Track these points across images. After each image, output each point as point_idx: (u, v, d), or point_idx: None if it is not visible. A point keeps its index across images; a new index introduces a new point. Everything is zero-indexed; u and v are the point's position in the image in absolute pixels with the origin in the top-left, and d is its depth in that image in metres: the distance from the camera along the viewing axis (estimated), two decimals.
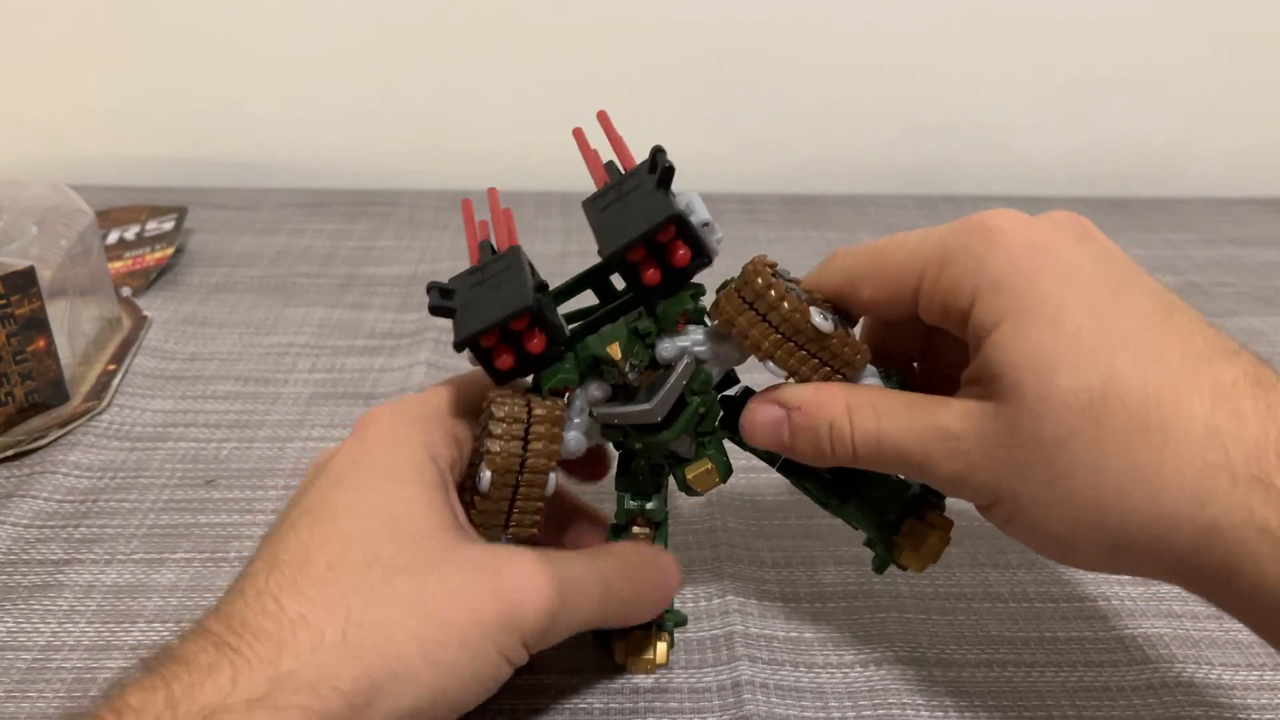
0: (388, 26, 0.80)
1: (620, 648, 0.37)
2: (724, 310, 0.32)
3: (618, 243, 0.30)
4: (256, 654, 0.26)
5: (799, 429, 0.32)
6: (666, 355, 0.32)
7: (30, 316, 0.50)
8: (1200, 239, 0.77)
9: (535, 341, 0.31)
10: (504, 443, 0.31)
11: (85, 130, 0.83)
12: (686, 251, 0.31)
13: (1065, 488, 0.28)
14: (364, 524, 0.30)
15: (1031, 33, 0.81)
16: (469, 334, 0.30)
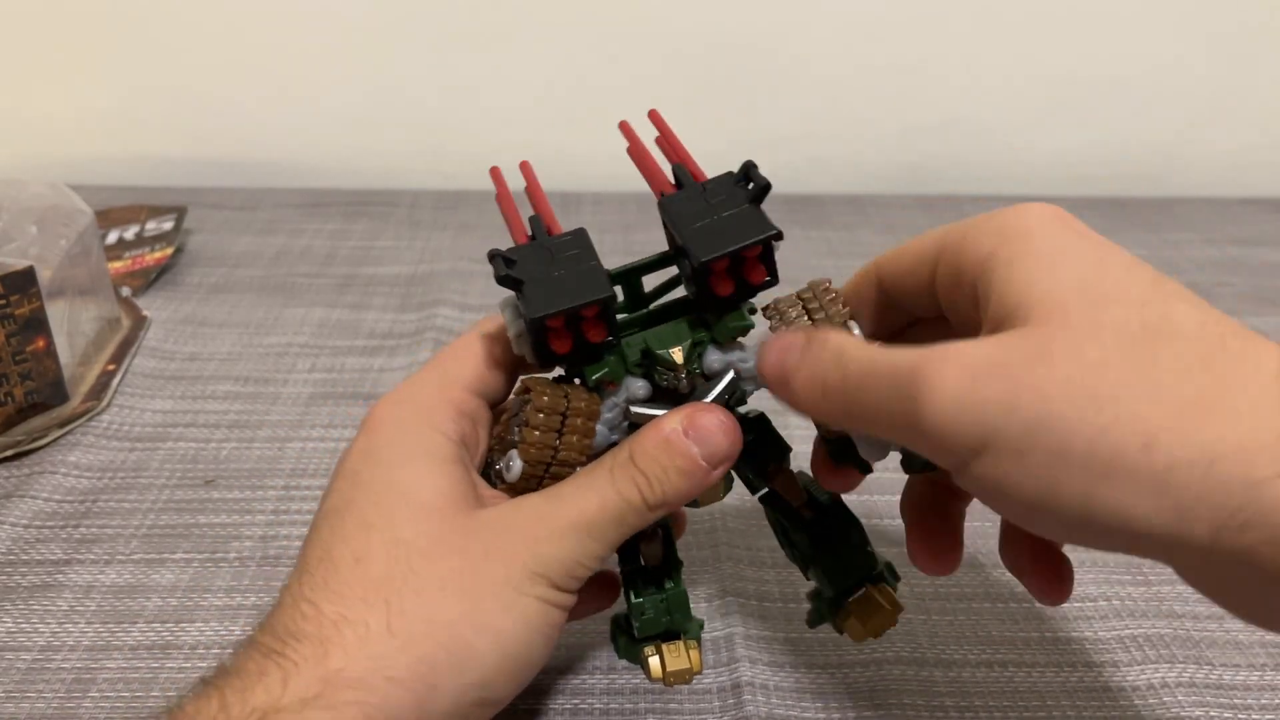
0: (388, 26, 0.80)
1: (654, 665, 0.35)
2: (779, 306, 0.33)
3: (715, 249, 0.30)
4: (303, 656, 0.27)
5: (809, 352, 0.29)
6: (715, 366, 0.32)
7: (30, 316, 0.50)
8: (1200, 239, 0.77)
9: (596, 331, 0.31)
10: (540, 433, 0.31)
11: (85, 130, 0.83)
12: (763, 271, 0.31)
13: (1108, 412, 0.23)
14: (382, 512, 0.30)
15: (1031, 32, 0.81)
16: (543, 313, 0.30)
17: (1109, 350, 0.23)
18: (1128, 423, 0.22)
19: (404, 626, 0.27)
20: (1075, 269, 0.25)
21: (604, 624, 0.39)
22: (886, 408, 0.26)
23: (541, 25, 0.80)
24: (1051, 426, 0.23)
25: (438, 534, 0.29)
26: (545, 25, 0.80)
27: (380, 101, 0.83)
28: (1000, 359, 0.24)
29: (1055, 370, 0.23)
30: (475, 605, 0.28)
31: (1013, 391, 0.23)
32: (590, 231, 0.33)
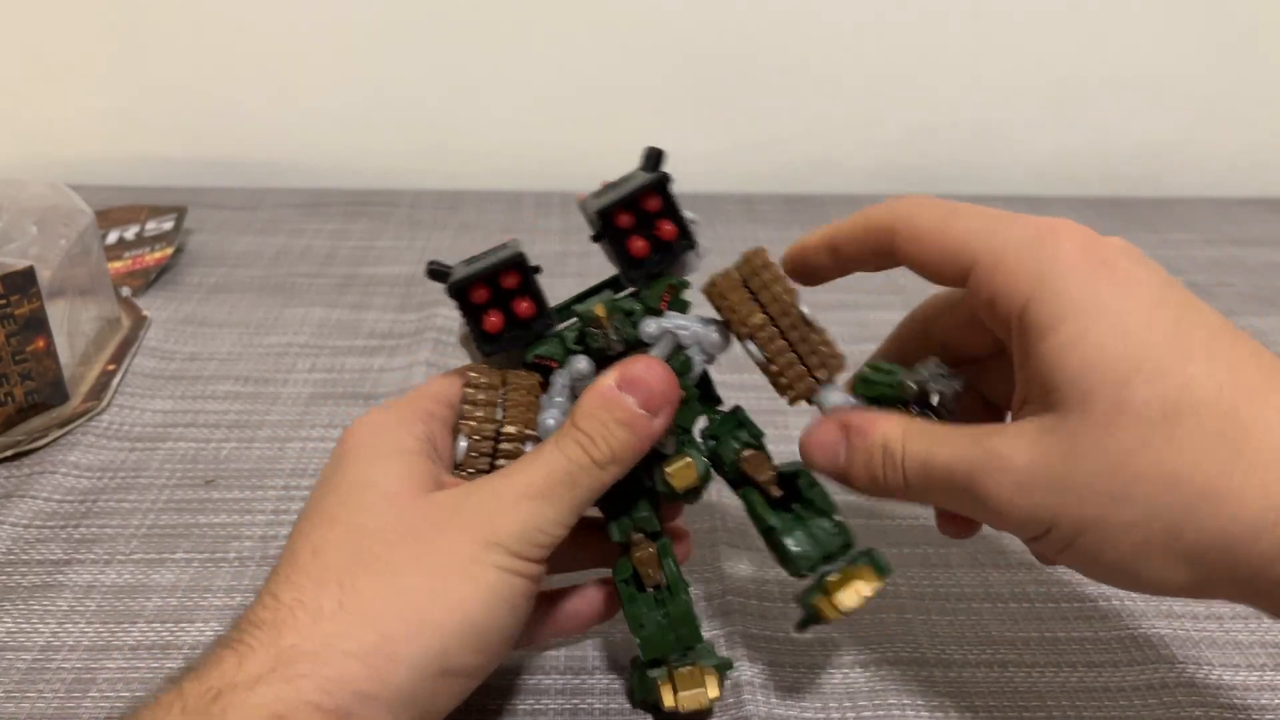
0: (388, 26, 0.80)
1: (667, 691, 0.34)
2: (718, 285, 0.33)
3: (604, 201, 0.32)
4: (259, 640, 0.27)
5: (855, 450, 0.32)
6: (650, 332, 0.33)
7: (30, 316, 0.50)
8: (1200, 239, 0.77)
9: (524, 305, 0.32)
10: (481, 410, 0.32)
11: (85, 130, 0.83)
12: (673, 227, 0.33)
13: (1135, 504, 0.26)
14: (343, 504, 0.30)
15: (1032, 33, 0.81)
16: (460, 278, 0.32)
17: (1130, 439, 0.26)
18: (1154, 518, 0.26)
19: (357, 603, 0.28)
20: (1103, 339, 0.27)
21: (605, 627, 0.40)
22: (950, 502, 0.31)
23: (542, 25, 0.80)
24: (1094, 526, 0.27)
25: (395, 519, 0.30)
26: (545, 25, 0.80)
27: (380, 101, 0.83)
28: (1041, 467, 0.27)
29: (1085, 468, 0.27)
30: (430, 578, 0.29)
31: (1056, 498, 0.27)
32: (587, 232, 0.34)
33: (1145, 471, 0.26)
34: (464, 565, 0.29)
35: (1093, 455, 0.27)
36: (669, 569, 0.34)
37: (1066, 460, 0.27)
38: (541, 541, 0.30)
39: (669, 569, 0.34)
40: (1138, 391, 0.26)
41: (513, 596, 0.30)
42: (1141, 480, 0.26)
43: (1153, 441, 0.26)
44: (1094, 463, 0.27)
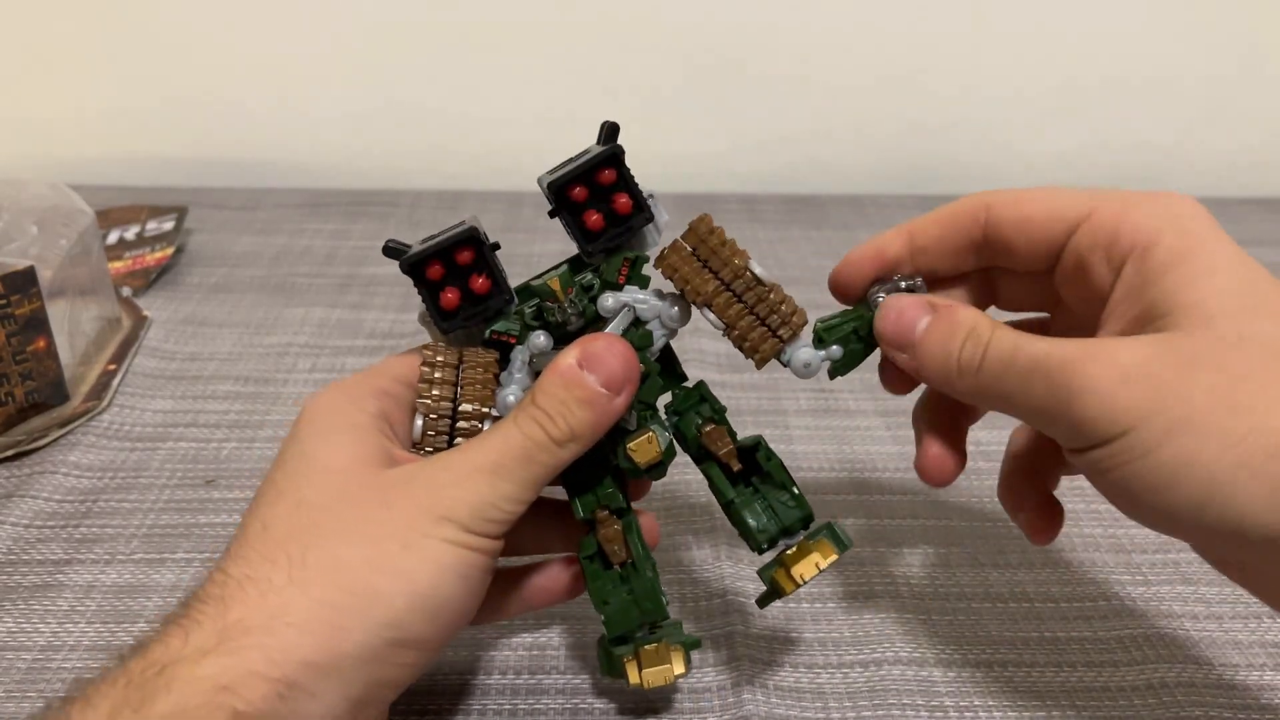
0: (388, 26, 0.80)
1: (632, 668, 0.34)
2: (668, 259, 0.33)
3: (559, 175, 0.32)
4: (205, 614, 0.27)
5: (940, 322, 0.31)
6: (609, 306, 0.33)
7: (30, 316, 0.50)
8: None
9: (480, 281, 0.32)
10: (437, 389, 0.32)
11: (85, 130, 0.83)
12: (628, 201, 0.32)
13: (1242, 417, 0.26)
14: (288, 480, 0.30)
15: (1031, 33, 0.81)
16: (414, 255, 0.32)
17: (1251, 363, 0.26)
18: (1260, 433, 0.25)
19: (303, 575, 0.28)
20: (1230, 278, 0.28)
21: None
22: (1032, 394, 0.28)
23: (542, 26, 0.80)
24: (1191, 430, 0.26)
25: (341, 490, 0.30)
26: (546, 26, 0.80)
27: (380, 101, 0.83)
28: (1153, 363, 0.27)
29: (1201, 378, 0.26)
30: (377, 549, 0.29)
31: (1159, 394, 0.26)
32: None
33: (1260, 392, 0.26)
34: (412, 538, 0.29)
35: (1209, 368, 0.26)
36: (634, 545, 0.34)
37: (1182, 366, 0.26)
38: (495, 517, 0.30)
39: (634, 545, 0.34)
40: (1262, 324, 0.27)
41: (464, 570, 0.29)
42: (1255, 399, 0.26)
43: (1271, 367, 0.26)
44: (1208, 376, 0.26)
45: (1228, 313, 0.27)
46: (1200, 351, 0.27)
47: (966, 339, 0.30)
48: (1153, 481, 0.27)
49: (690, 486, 0.47)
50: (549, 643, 0.39)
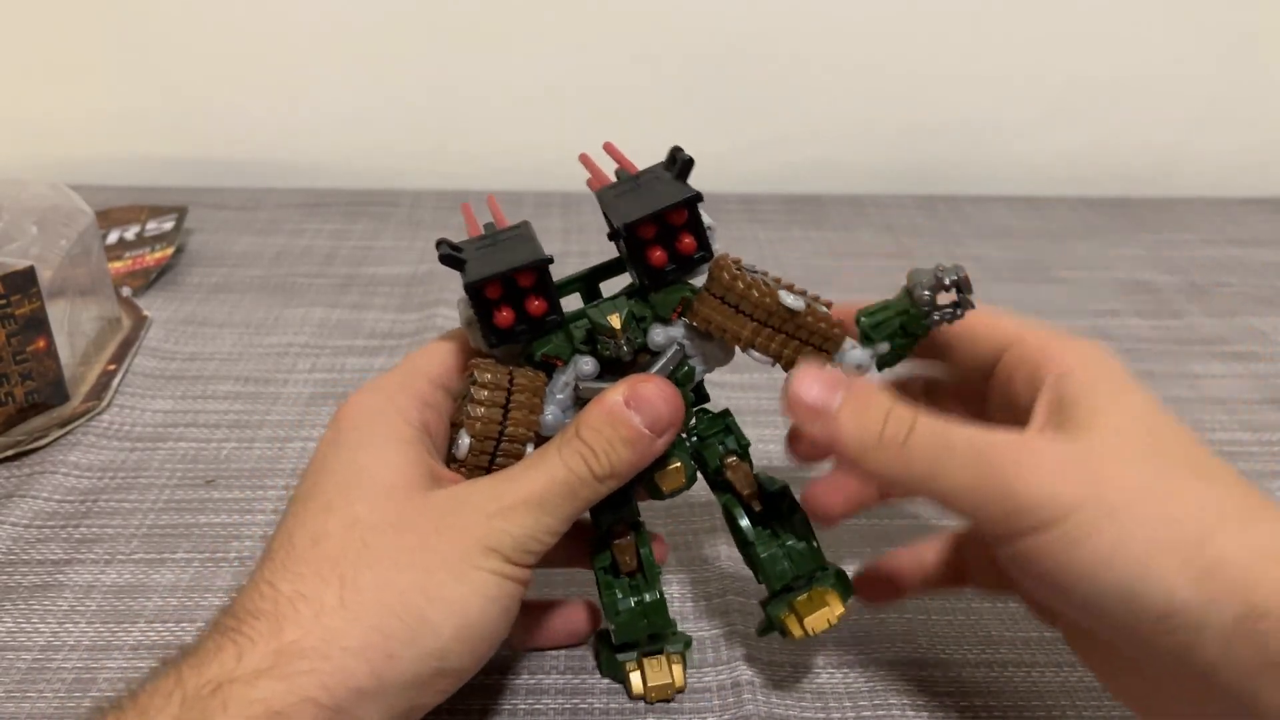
0: (387, 26, 0.80)
1: (635, 680, 0.36)
2: (700, 311, 0.33)
3: (633, 214, 0.32)
4: (258, 632, 0.27)
5: (856, 398, 0.31)
6: (658, 341, 0.33)
7: (30, 316, 0.50)
8: (1200, 239, 0.77)
9: (537, 304, 0.32)
10: (485, 409, 0.32)
11: (85, 130, 0.83)
12: (693, 241, 0.32)
13: (1174, 502, 0.27)
14: (340, 493, 0.30)
15: (1031, 33, 0.81)
16: (479, 277, 0.31)
17: (1172, 464, 0.29)
18: (1189, 522, 0.27)
19: (357, 599, 0.28)
20: (1137, 401, 0.30)
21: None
22: (962, 476, 0.29)
23: (542, 26, 0.80)
24: (1126, 516, 0.27)
25: (393, 512, 0.30)
26: (545, 26, 0.80)
27: (380, 101, 0.83)
28: (1086, 454, 0.28)
29: (1129, 470, 0.28)
30: (428, 577, 0.29)
31: (1095, 481, 0.28)
32: (589, 231, 0.34)
33: (1189, 486, 0.28)
34: (462, 568, 0.29)
35: (1136, 461, 0.28)
36: (645, 557, 0.35)
37: (1111, 459, 0.28)
38: (535, 549, 0.31)
39: (645, 557, 0.35)
40: (1172, 444, 0.29)
41: (505, 600, 0.30)
42: (1185, 491, 0.28)
43: (1192, 471, 0.28)
44: (1136, 466, 0.28)
45: (1138, 430, 0.29)
46: (1125, 448, 0.29)
47: (888, 417, 0.30)
48: (1086, 567, 0.27)
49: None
50: None
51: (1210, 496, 0.28)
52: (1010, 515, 0.28)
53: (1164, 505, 0.27)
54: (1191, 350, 0.61)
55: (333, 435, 0.32)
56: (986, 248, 0.75)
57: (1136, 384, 0.31)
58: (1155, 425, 0.30)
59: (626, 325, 0.32)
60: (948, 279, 0.33)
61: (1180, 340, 0.62)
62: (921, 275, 0.33)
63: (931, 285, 0.33)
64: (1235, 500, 0.28)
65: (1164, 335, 0.63)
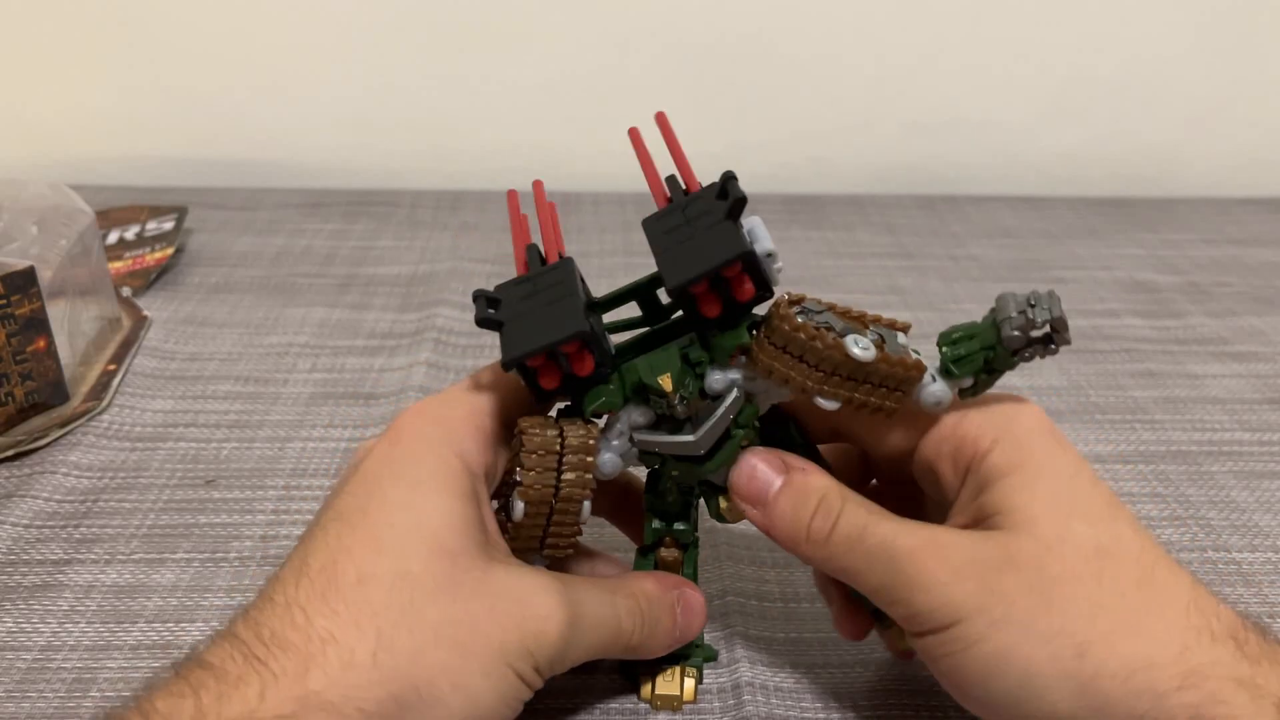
0: (387, 26, 0.80)
1: (645, 683, 0.36)
2: (760, 361, 0.31)
3: (684, 275, 0.29)
4: (284, 668, 0.27)
5: (789, 490, 0.32)
6: (716, 387, 0.32)
7: (30, 316, 0.50)
8: (1200, 239, 0.77)
9: (583, 364, 0.30)
10: (537, 474, 0.31)
11: (85, 130, 0.83)
12: (751, 286, 0.30)
13: (1056, 616, 0.28)
14: (393, 535, 0.29)
15: (1031, 32, 0.81)
16: (517, 355, 0.30)
17: (1064, 564, 0.29)
18: (1069, 634, 0.28)
19: (389, 661, 0.27)
20: (1053, 484, 0.30)
21: None
22: (873, 575, 0.31)
23: (542, 25, 0.80)
24: (1010, 627, 0.28)
25: (447, 577, 0.29)
26: (545, 25, 0.80)
27: (380, 101, 0.83)
28: (980, 561, 0.29)
29: (1020, 577, 0.29)
30: (462, 661, 0.28)
31: (984, 590, 0.29)
32: (590, 232, 0.33)
33: (1072, 593, 0.29)
34: (496, 662, 0.29)
35: (1029, 567, 0.29)
36: (687, 577, 0.36)
37: (1004, 565, 0.29)
38: (559, 670, 0.31)
39: (687, 577, 0.36)
40: (1078, 529, 0.29)
41: (516, 706, 0.30)
42: (1066, 600, 0.28)
43: (1084, 572, 0.29)
44: (1029, 574, 0.29)
45: (1049, 516, 0.30)
46: (1022, 552, 0.29)
47: (818, 508, 0.31)
48: (976, 672, 0.29)
49: None
50: None
51: (1101, 601, 0.28)
52: (911, 618, 0.30)
53: (1048, 618, 0.28)
54: (1191, 350, 0.61)
55: (387, 453, 0.31)
56: (986, 248, 0.75)
57: (1057, 449, 0.31)
58: (1069, 504, 0.30)
59: (679, 384, 0.31)
60: (1039, 318, 0.30)
61: (1180, 340, 0.62)
62: (1010, 308, 0.31)
63: (1022, 326, 0.30)
64: (1125, 602, 0.28)
65: (1164, 335, 0.63)
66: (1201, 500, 0.48)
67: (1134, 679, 0.27)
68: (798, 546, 0.32)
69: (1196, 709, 0.27)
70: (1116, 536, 0.30)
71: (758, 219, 0.31)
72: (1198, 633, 0.28)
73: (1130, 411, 0.55)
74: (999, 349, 0.31)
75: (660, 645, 0.34)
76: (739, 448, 0.32)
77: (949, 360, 0.32)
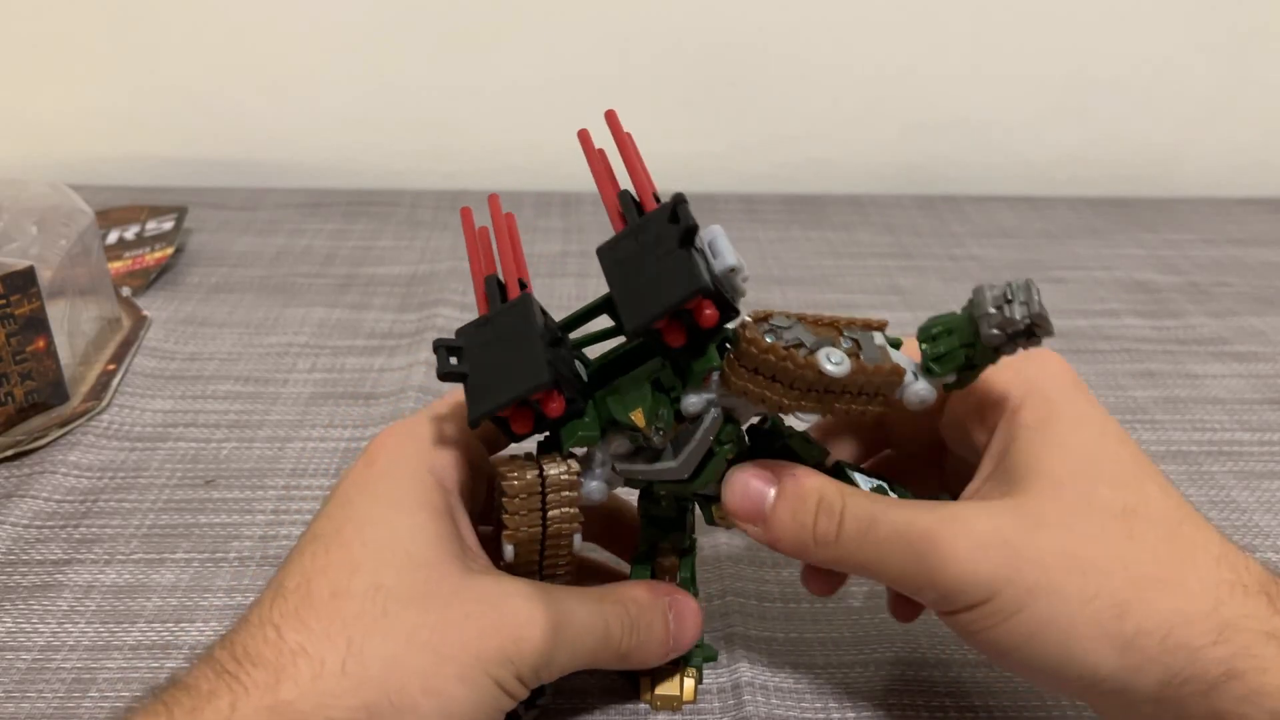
0: (387, 26, 0.80)
1: (645, 683, 0.36)
2: (734, 383, 0.30)
3: (640, 318, 0.28)
4: (255, 681, 0.27)
5: (786, 497, 0.31)
6: (693, 410, 0.31)
7: (30, 316, 0.50)
8: (1200, 239, 0.77)
9: (553, 406, 0.29)
10: (522, 516, 0.31)
11: (85, 130, 0.83)
12: (714, 313, 0.28)
13: (1091, 578, 0.28)
14: (368, 551, 0.29)
15: (1031, 32, 0.81)
16: (482, 412, 0.29)
17: (1092, 526, 0.29)
18: (1107, 594, 0.28)
19: (359, 669, 0.27)
20: (1080, 445, 0.30)
21: None
22: (893, 563, 0.30)
23: (541, 25, 0.80)
24: (1046, 594, 0.28)
25: (423, 586, 0.29)
26: (545, 25, 0.80)
27: (380, 101, 0.83)
28: (1006, 529, 0.29)
29: (1050, 542, 0.28)
30: (436, 666, 0.28)
31: (1015, 561, 0.28)
32: (589, 232, 0.33)
33: (1104, 552, 0.28)
34: (473, 669, 0.28)
35: (1057, 532, 0.29)
36: (684, 583, 0.36)
37: (1031, 532, 0.29)
38: (545, 678, 0.30)
39: (684, 583, 0.36)
40: (1104, 490, 0.29)
41: (495, 712, 0.29)
42: (1099, 560, 0.28)
43: (1112, 531, 0.29)
44: (1057, 539, 0.28)
45: (1075, 479, 0.29)
46: (1049, 515, 0.29)
47: (819, 510, 0.31)
48: (1017, 641, 0.29)
49: None
50: None
51: (1133, 558, 0.28)
52: (941, 600, 0.30)
53: (1084, 579, 0.28)
54: (1191, 350, 0.61)
55: (363, 475, 0.31)
56: (986, 248, 0.75)
57: (1085, 405, 0.31)
58: (1095, 466, 0.30)
59: (652, 416, 0.30)
60: (1018, 314, 0.29)
61: (1180, 340, 0.62)
62: (987, 304, 0.29)
63: (1000, 325, 0.29)
64: (1160, 558, 0.28)
65: (1164, 335, 0.63)
66: (1201, 500, 0.48)
67: (1171, 636, 0.27)
68: (806, 552, 0.31)
69: (1229, 663, 0.27)
70: (1144, 496, 0.29)
71: (718, 229, 0.30)
72: (1230, 587, 0.28)
73: (1130, 412, 0.55)
74: (979, 345, 0.30)
75: (654, 654, 0.34)
76: (725, 461, 0.32)
77: (929, 359, 0.31)
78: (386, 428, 0.33)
